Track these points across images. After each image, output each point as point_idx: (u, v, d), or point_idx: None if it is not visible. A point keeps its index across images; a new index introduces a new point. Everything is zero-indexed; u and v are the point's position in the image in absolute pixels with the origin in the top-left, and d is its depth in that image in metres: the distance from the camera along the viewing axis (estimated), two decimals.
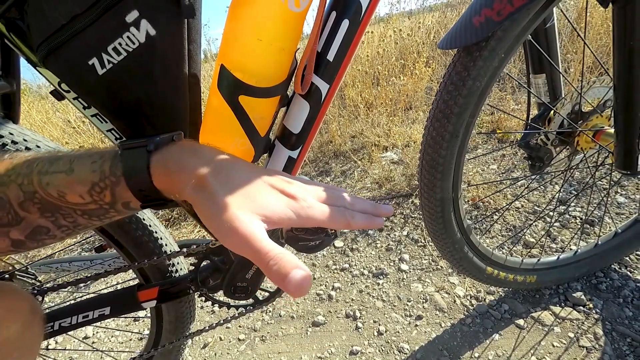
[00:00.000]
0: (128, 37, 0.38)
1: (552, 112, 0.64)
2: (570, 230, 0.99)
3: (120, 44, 0.38)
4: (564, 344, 0.72)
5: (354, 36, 0.43)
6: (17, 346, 0.36)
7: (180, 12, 0.38)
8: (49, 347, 1.01)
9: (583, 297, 0.80)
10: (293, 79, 0.46)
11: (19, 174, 0.27)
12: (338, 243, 1.17)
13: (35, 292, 0.56)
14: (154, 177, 0.26)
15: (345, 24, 0.42)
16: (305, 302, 0.98)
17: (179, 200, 0.28)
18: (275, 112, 0.49)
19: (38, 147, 0.48)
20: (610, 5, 0.44)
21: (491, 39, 0.46)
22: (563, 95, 0.65)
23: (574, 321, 0.76)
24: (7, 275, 0.64)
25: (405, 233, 1.14)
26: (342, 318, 0.90)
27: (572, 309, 0.79)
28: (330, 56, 0.44)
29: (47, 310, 0.56)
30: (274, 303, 0.99)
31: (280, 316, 0.95)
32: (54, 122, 2.55)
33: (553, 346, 0.72)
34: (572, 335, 0.73)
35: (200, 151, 0.28)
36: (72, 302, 0.57)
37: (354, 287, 0.99)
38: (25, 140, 0.47)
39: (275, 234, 0.48)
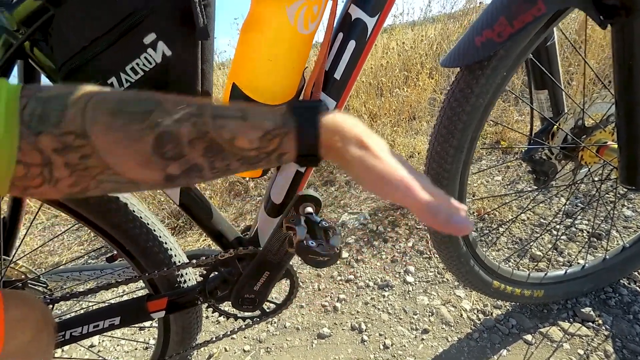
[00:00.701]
0: (145, 57, 0.40)
1: (555, 127, 0.65)
2: (578, 243, 0.99)
3: (137, 64, 0.40)
4: None
5: (360, 56, 0.45)
6: (30, 354, 0.37)
7: (195, 34, 0.40)
8: (55, 355, 1.01)
9: (592, 312, 0.79)
10: (301, 97, 0.48)
11: (189, 113, 0.27)
12: (343, 254, 1.17)
13: (48, 301, 0.58)
14: (322, 134, 0.29)
15: (351, 44, 0.44)
16: (311, 313, 0.97)
17: (329, 159, 0.31)
18: None
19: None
20: (609, 26, 0.45)
21: (493, 58, 0.47)
22: (566, 111, 0.66)
23: (583, 337, 0.75)
24: (19, 284, 0.66)
25: (410, 244, 1.14)
26: (348, 330, 0.90)
27: (581, 324, 0.78)
28: (337, 75, 0.46)
29: (58, 320, 0.57)
30: (279, 314, 0.99)
31: (286, 327, 0.95)
32: None
33: None
34: (581, 352, 0.72)
35: (354, 121, 0.31)
36: (83, 311, 0.58)
37: (359, 299, 0.98)
38: None
39: (284, 243, 0.49)
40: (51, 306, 0.63)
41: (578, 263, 0.84)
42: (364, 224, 1.29)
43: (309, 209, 0.41)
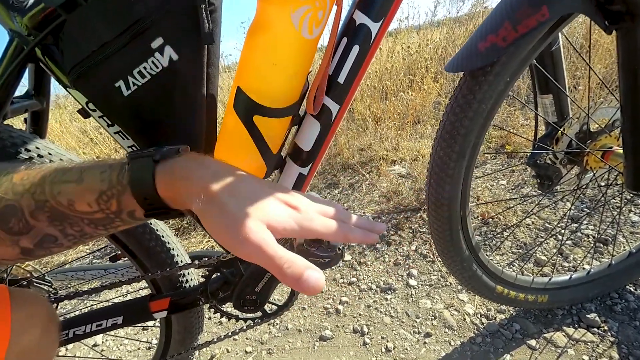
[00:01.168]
0: (152, 61, 0.41)
1: (559, 132, 0.65)
2: (583, 248, 0.98)
3: (145, 68, 0.41)
4: None
5: (363, 60, 0.46)
6: (36, 351, 0.37)
7: (201, 39, 0.41)
8: (59, 354, 1.02)
9: (597, 318, 0.78)
10: (305, 100, 0.48)
11: (32, 183, 0.28)
12: (346, 256, 1.17)
13: (52, 299, 0.59)
14: (159, 186, 0.27)
15: (355, 49, 0.45)
16: (313, 315, 0.97)
17: (183, 209, 0.29)
18: (287, 130, 0.51)
19: (61, 160, 0.51)
20: (614, 31, 0.45)
21: (496, 64, 0.47)
22: (571, 115, 0.66)
23: (589, 343, 0.74)
24: (24, 282, 0.67)
25: (413, 248, 1.14)
26: (350, 333, 0.90)
27: (586, 330, 0.77)
28: (341, 79, 0.46)
29: (62, 318, 0.58)
30: (280, 316, 0.99)
31: (288, 329, 0.95)
32: (70, 131, 2.65)
33: None
34: (586, 358, 0.71)
35: (206, 163, 0.29)
36: (86, 310, 0.59)
37: (361, 302, 0.98)
38: (50, 154, 0.50)
39: (285, 245, 0.49)
40: (56, 305, 0.64)
41: (583, 268, 0.84)
42: None
43: None
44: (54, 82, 0.50)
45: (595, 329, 0.76)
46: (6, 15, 0.40)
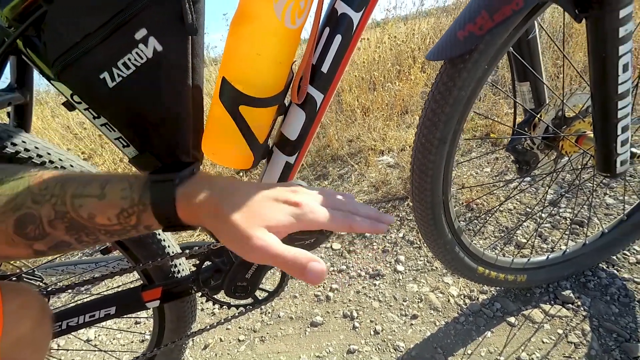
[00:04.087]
0: (137, 53, 0.41)
1: (536, 118, 0.68)
2: (560, 230, 1.03)
3: (129, 59, 0.41)
4: (553, 340, 0.75)
5: (346, 50, 0.47)
6: (29, 343, 0.38)
7: (185, 30, 0.41)
8: (52, 348, 1.02)
9: (572, 295, 0.83)
10: (290, 90, 0.49)
11: (52, 194, 0.29)
12: (335, 245, 1.20)
13: (43, 293, 0.59)
14: (178, 207, 0.30)
15: (338, 38, 0.46)
16: (304, 303, 1.00)
17: (198, 225, 0.32)
18: (273, 120, 0.52)
19: (49, 154, 0.50)
20: (584, 20, 0.48)
21: (474, 52, 0.49)
22: (547, 102, 0.69)
23: (563, 318, 0.79)
24: (14, 278, 0.66)
25: (401, 235, 1.17)
26: (340, 318, 0.93)
27: (561, 306, 0.81)
28: (325, 68, 0.47)
29: (55, 310, 0.58)
30: (272, 304, 1.02)
31: (279, 317, 0.97)
32: (53, 127, 2.58)
33: (543, 342, 0.75)
34: (560, 331, 0.76)
35: (213, 182, 0.32)
36: (79, 302, 0.59)
37: (351, 288, 1.01)
38: (36, 147, 0.50)
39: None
40: (48, 298, 0.64)
41: (560, 249, 0.88)
42: None
43: None
44: (37, 75, 0.49)
45: (570, 305, 0.81)
46: None
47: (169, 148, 0.49)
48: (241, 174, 1.68)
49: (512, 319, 0.81)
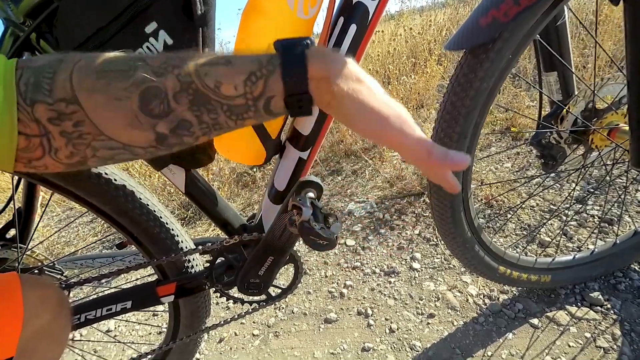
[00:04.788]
0: (147, 47, 0.40)
1: (564, 110, 0.63)
2: (588, 229, 0.97)
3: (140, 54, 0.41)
4: (580, 344, 0.71)
5: (362, 39, 0.45)
6: (47, 335, 0.38)
7: (195, 22, 0.40)
8: (74, 339, 1.06)
9: (600, 297, 0.78)
10: None
11: (174, 65, 0.27)
12: (350, 242, 1.18)
13: (63, 286, 0.60)
14: (311, 68, 0.27)
15: (352, 28, 0.44)
16: (318, 299, 0.99)
17: (323, 92, 0.29)
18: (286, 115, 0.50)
19: None
20: (622, 3, 0.44)
21: (498, 40, 0.46)
22: (576, 93, 0.65)
23: (591, 321, 0.75)
24: (36, 271, 0.68)
25: (417, 232, 1.14)
26: (354, 315, 0.91)
27: (589, 309, 0.77)
28: None
29: (74, 303, 0.60)
30: (286, 299, 1.01)
31: (293, 313, 0.97)
32: None
33: (569, 346, 0.71)
34: (588, 335, 0.72)
35: (344, 57, 0.30)
36: (96, 296, 0.60)
37: (365, 285, 1.00)
38: None
39: (287, 227, 0.49)
40: (67, 292, 0.66)
41: (587, 248, 0.83)
42: (371, 212, 1.29)
43: (311, 194, 0.42)
44: None
45: (598, 307, 0.77)
46: (0, 4, 0.39)
47: None
48: (254, 169, 1.69)
49: (535, 321, 0.77)
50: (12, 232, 0.64)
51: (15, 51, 0.41)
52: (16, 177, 0.58)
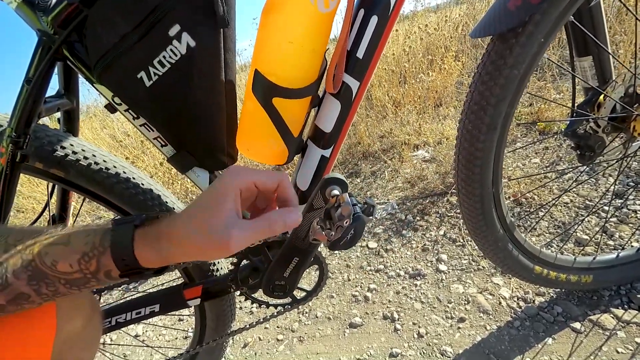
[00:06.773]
0: (171, 50, 0.41)
1: (602, 96, 0.59)
2: (630, 225, 0.90)
3: (164, 57, 0.41)
4: (630, 350, 0.65)
5: (383, 31, 0.44)
6: (80, 340, 0.39)
7: (217, 23, 0.41)
8: (105, 343, 1.09)
9: None
10: (324, 79, 0.47)
11: (26, 245, 0.30)
12: (372, 244, 1.16)
13: (94, 291, 0.62)
14: (137, 247, 0.30)
15: (374, 20, 0.43)
16: (341, 303, 0.97)
17: (158, 263, 0.32)
18: (307, 112, 0.50)
19: (94, 155, 0.53)
20: None
21: (529, 24, 0.43)
22: (614, 78, 0.60)
23: None
24: None
25: (442, 232, 1.10)
26: (380, 319, 0.89)
27: (637, 311, 0.71)
28: (360, 53, 0.44)
29: (105, 307, 0.61)
30: (309, 304, 1.00)
31: (317, 317, 0.95)
32: (102, 137, 2.79)
33: (617, 352, 0.66)
34: (639, 340, 0.66)
35: (174, 216, 0.32)
36: (125, 300, 0.61)
37: (390, 289, 0.97)
38: (83, 150, 0.52)
39: (305, 238, 0.48)
40: (98, 296, 0.67)
41: (632, 246, 0.77)
42: (392, 214, 1.27)
43: (336, 192, 0.40)
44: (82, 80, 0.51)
45: None
46: (33, 16, 0.41)
47: (205, 145, 0.49)
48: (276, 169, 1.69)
49: (577, 325, 0.72)
50: None
51: (48, 61, 0.42)
52: (51, 184, 0.60)
